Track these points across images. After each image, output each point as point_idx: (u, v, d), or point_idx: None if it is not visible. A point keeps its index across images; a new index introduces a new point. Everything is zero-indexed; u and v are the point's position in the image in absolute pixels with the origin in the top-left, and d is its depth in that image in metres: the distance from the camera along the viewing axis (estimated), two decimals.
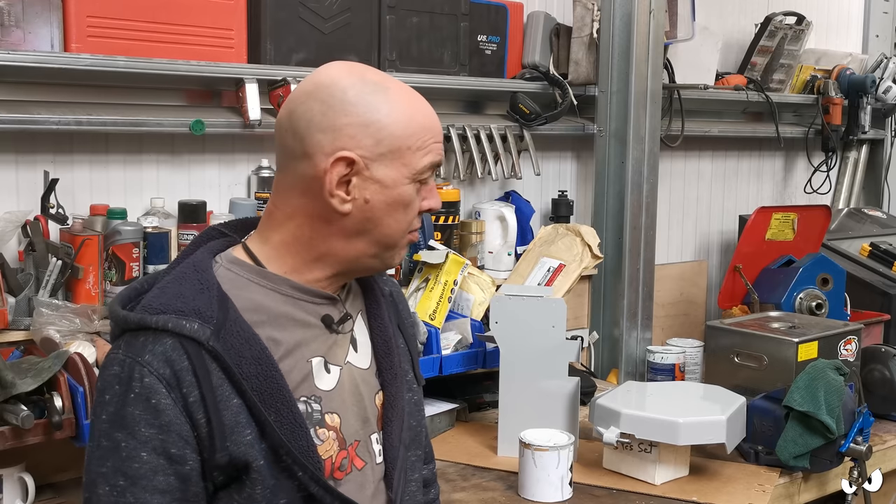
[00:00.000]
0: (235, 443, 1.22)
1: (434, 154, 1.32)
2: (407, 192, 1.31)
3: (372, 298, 1.46)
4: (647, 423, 2.01)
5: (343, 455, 1.32)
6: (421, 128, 1.31)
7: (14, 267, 2.08)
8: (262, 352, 1.25)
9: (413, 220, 1.34)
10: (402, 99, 1.31)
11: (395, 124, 1.29)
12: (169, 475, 1.20)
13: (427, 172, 1.32)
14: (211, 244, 1.37)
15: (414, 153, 1.30)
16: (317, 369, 1.32)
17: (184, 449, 1.21)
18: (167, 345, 1.22)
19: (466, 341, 2.43)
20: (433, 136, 1.33)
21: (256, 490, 1.23)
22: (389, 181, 1.29)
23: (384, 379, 1.42)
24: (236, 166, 2.51)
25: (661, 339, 3.06)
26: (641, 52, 2.89)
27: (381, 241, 1.33)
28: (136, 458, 1.20)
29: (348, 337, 1.39)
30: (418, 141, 1.30)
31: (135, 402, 1.20)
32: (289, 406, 1.25)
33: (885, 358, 2.49)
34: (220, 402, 1.22)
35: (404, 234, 1.34)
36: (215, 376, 1.22)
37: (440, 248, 2.54)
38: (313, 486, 1.26)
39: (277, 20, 2.36)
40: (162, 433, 1.20)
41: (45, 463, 1.95)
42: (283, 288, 1.32)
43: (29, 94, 2.15)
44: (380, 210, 1.30)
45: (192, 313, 1.23)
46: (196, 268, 1.30)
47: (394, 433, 1.39)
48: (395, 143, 1.28)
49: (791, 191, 4.01)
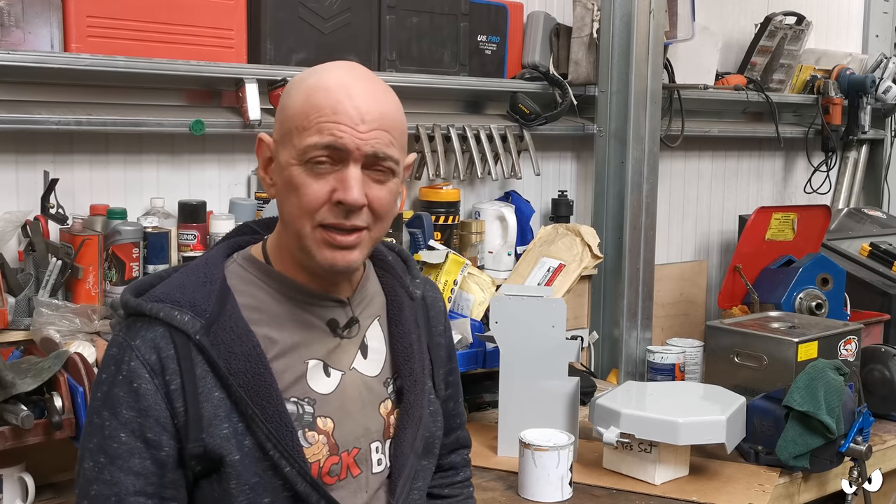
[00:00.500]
0: (211, 435, 1.23)
1: (322, 134, 1.22)
2: (295, 174, 1.24)
3: (394, 303, 1.43)
4: (647, 422, 2.01)
5: (333, 461, 1.31)
6: (313, 107, 1.24)
7: (14, 267, 2.08)
8: (253, 349, 1.26)
9: (315, 210, 1.24)
10: (316, 83, 1.26)
11: (291, 106, 1.27)
12: (145, 459, 1.23)
13: (316, 152, 1.23)
14: (236, 239, 1.39)
15: (300, 133, 1.24)
16: (313, 372, 1.32)
17: (160, 435, 1.23)
18: (158, 332, 1.24)
19: (466, 341, 2.43)
20: (326, 115, 1.22)
21: (231, 484, 1.24)
22: (284, 162, 1.27)
23: (403, 385, 1.39)
24: (236, 166, 2.51)
25: (661, 339, 3.06)
26: (641, 52, 2.89)
27: (292, 230, 1.28)
28: (115, 438, 1.23)
29: (356, 342, 1.38)
30: (304, 120, 1.24)
31: (121, 383, 1.23)
32: (275, 404, 1.25)
33: (884, 358, 2.49)
34: (200, 394, 1.23)
35: (305, 223, 1.25)
36: (199, 368, 1.24)
37: (440, 247, 2.54)
38: (300, 484, 1.25)
39: (277, 20, 2.36)
40: (140, 417, 1.22)
41: (45, 463, 1.94)
42: (287, 289, 1.32)
43: (29, 94, 2.15)
44: (280, 194, 1.28)
45: (187, 305, 1.25)
46: (207, 261, 1.32)
47: (406, 440, 1.37)
48: (287, 125, 1.27)
49: (791, 191, 4.01)
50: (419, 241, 2.57)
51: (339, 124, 1.23)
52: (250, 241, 1.39)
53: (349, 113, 1.23)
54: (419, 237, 2.57)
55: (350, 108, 1.23)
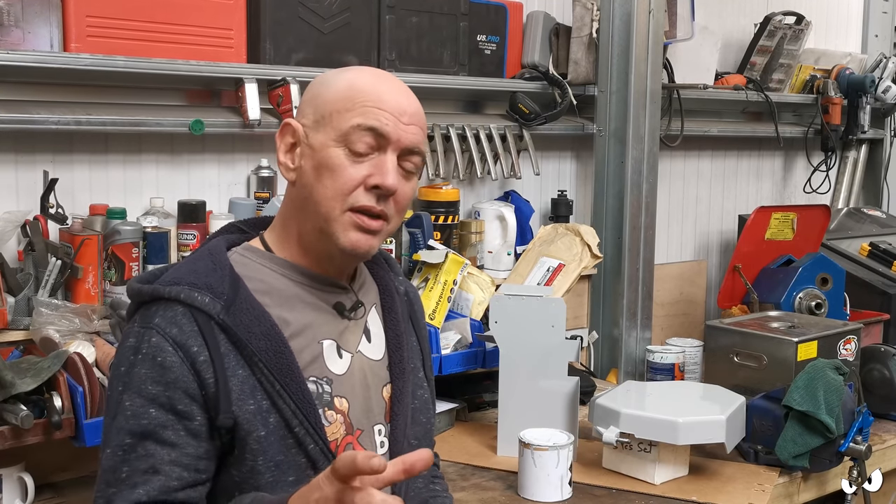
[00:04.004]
0: (241, 409, 1.24)
1: (367, 117, 1.26)
2: (333, 156, 1.27)
3: (386, 292, 1.47)
4: (647, 422, 2.01)
5: (349, 440, 1.34)
6: (358, 91, 1.27)
7: (14, 267, 2.08)
8: (271, 328, 1.27)
9: (349, 193, 1.28)
10: (356, 75, 1.30)
11: (332, 92, 1.29)
12: (178, 430, 1.22)
13: (358, 135, 1.26)
14: (228, 236, 1.41)
15: (342, 115, 1.27)
16: (328, 352, 1.34)
17: (190, 405, 1.23)
18: (178, 311, 1.25)
19: (466, 341, 2.43)
20: (371, 101, 1.26)
21: (258, 461, 1.25)
22: (318, 144, 1.29)
23: (393, 373, 1.43)
24: (236, 166, 2.51)
25: (661, 338, 3.06)
26: (641, 52, 2.89)
27: (317, 213, 1.30)
28: (144, 416, 1.22)
29: (361, 325, 1.40)
30: (348, 103, 1.27)
31: (142, 362, 1.23)
32: (298, 382, 1.27)
33: (884, 357, 2.49)
34: (227, 369, 1.24)
35: (336, 206, 1.28)
36: (223, 346, 1.25)
37: (440, 247, 2.54)
38: (322, 462, 1.27)
39: (277, 20, 2.36)
40: (168, 390, 1.22)
41: (45, 463, 1.94)
42: (292, 273, 1.34)
43: (28, 93, 2.15)
44: (310, 175, 1.30)
45: (204, 287, 1.26)
46: (210, 251, 1.34)
47: (399, 427, 1.40)
48: (326, 108, 1.29)
49: (790, 190, 4.01)
50: (419, 241, 2.57)
51: (384, 111, 1.27)
52: (241, 238, 1.41)
53: (393, 103, 1.28)
54: (419, 237, 2.57)
55: (393, 99, 1.28)
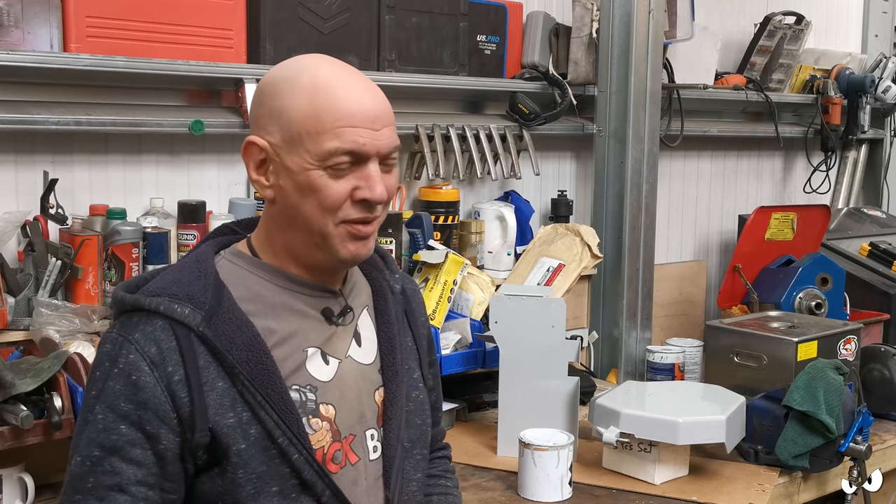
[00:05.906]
0: (218, 424, 1.24)
1: (342, 139, 1.25)
2: (314, 177, 1.26)
3: (379, 294, 1.46)
4: (647, 422, 2.01)
5: (336, 447, 1.33)
6: (322, 109, 1.26)
7: (14, 267, 2.08)
8: (253, 338, 1.27)
9: (338, 208, 1.28)
10: (312, 80, 1.28)
11: (295, 108, 1.27)
12: (146, 450, 1.23)
13: (338, 158, 1.25)
14: (219, 239, 1.40)
15: (314, 138, 1.25)
16: (312, 359, 1.33)
17: (158, 428, 1.23)
18: (157, 325, 1.25)
19: (466, 341, 2.43)
20: (342, 119, 1.25)
21: (238, 474, 1.25)
22: (295, 167, 1.28)
23: (386, 376, 1.42)
24: (236, 166, 2.50)
25: (661, 338, 3.06)
26: (641, 52, 2.89)
27: (310, 230, 1.29)
28: (114, 431, 1.23)
29: (350, 330, 1.40)
30: (318, 124, 1.25)
31: (117, 377, 1.24)
32: (279, 392, 1.27)
33: (884, 357, 2.49)
34: (204, 384, 1.24)
35: (328, 221, 1.28)
36: (202, 359, 1.25)
37: (440, 247, 2.54)
38: (307, 471, 1.27)
39: (277, 20, 2.36)
40: (139, 409, 1.23)
41: (45, 463, 1.94)
42: (279, 280, 1.34)
43: (28, 94, 2.15)
44: (293, 197, 1.29)
45: (185, 298, 1.26)
46: (197, 258, 1.34)
47: (392, 431, 1.39)
48: (294, 129, 1.27)
49: (790, 190, 4.01)
50: (419, 241, 2.57)
51: (357, 128, 1.26)
52: (233, 240, 1.41)
53: (363, 113, 1.26)
54: (419, 237, 2.57)
55: (359, 108, 1.26)
